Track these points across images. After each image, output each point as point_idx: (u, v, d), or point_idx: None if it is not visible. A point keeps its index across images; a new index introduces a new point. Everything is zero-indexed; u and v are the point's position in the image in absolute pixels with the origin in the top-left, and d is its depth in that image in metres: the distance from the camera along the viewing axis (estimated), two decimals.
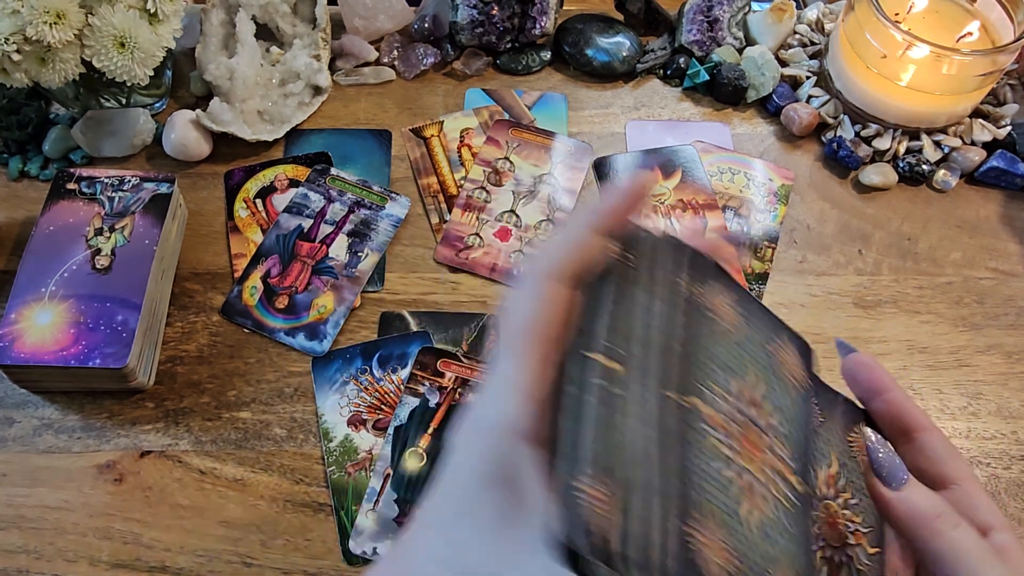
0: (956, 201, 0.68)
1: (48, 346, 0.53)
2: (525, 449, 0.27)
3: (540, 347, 0.28)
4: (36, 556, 0.51)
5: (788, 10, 0.74)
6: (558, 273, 0.29)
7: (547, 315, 0.28)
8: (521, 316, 0.29)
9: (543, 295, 0.29)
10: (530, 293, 0.29)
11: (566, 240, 0.30)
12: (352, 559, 0.51)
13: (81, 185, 0.60)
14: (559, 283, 0.29)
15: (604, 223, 0.30)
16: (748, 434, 0.29)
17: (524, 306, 0.29)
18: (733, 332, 0.31)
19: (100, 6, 0.59)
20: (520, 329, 0.28)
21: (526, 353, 0.28)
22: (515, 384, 0.27)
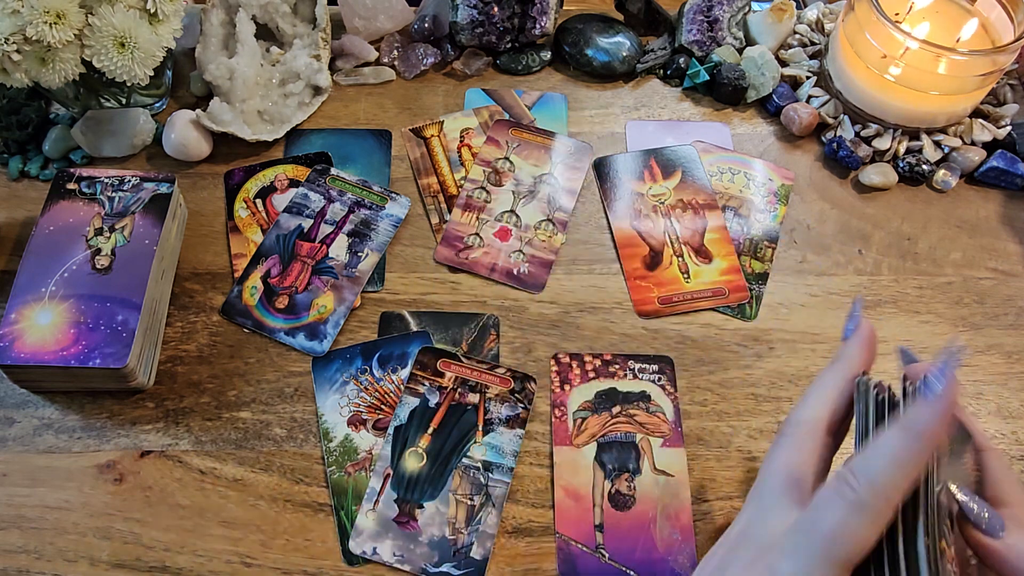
0: (956, 201, 0.68)
1: (48, 346, 0.53)
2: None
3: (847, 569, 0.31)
4: (36, 556, 0.51)
5: (788, 10, 0.74)
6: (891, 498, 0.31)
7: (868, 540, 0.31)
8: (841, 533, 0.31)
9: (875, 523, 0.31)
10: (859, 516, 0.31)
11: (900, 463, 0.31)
12: (352, 559, 0.51)
13: (81, 185, 0.60)
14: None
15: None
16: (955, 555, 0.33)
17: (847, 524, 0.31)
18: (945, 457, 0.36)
19: (100, 6, 0.59)
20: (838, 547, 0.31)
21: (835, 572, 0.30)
22: None
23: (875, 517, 0.30)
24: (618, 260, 0.64)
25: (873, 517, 0.30)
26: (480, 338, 0.60)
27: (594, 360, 0.59)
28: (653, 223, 0.66)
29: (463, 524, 0.52)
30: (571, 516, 0.53)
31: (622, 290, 0.63)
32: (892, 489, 0.31)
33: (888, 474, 0.31)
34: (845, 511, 0.30)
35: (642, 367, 0.58)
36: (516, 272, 0.63)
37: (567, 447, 0.55)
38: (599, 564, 0.51)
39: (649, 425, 0.56)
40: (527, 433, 0.56)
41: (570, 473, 0.54)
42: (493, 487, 0.53)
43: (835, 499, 0.31)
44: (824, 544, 0.30)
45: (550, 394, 0.57)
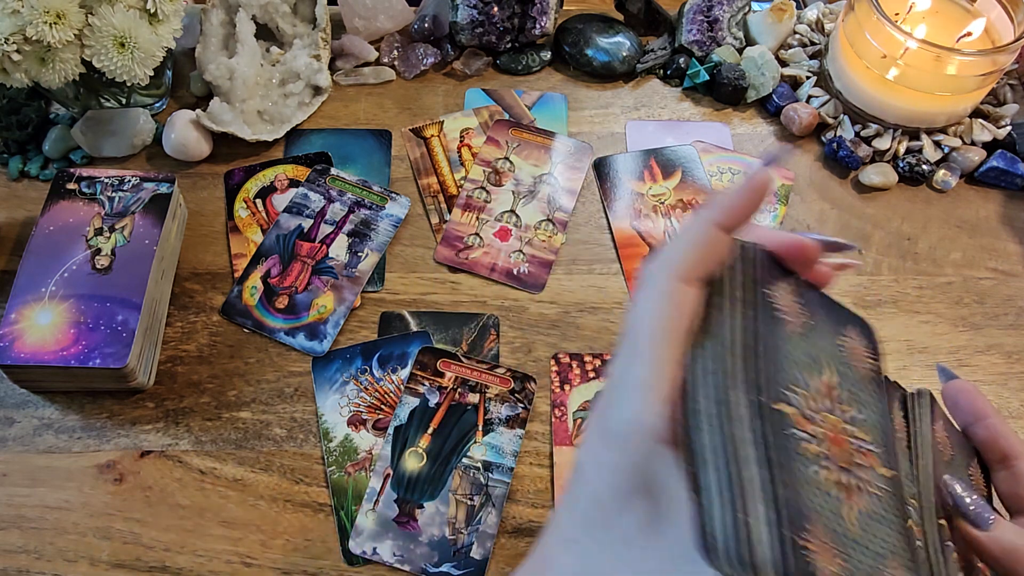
0: (956, 201, 0.68)
1: (48, 346, 0.53)
2: (668, 452, 0.26)
3: (670, 349, 0.27)
4: (36, 556, 0.51)
5: (788, 10, 0.74)
6: (683, 272, 0.28)
7: (673, 315, 0.27)
8: (650, 316, 0.28)
9: (668, 294, 0.28)
10: (658, 292, 0.28)
11: (691, 238, 0.29)
12: (352, 559, 0.51)
13: (81, 185, 0.60)
14: (684, 282, 0.28)
15: (728, 220, 0.29)
16: (833, 430, 0.29)
17: (652, 306, 0.28)
18: (803, 330, 0.31)
19: (100, 6, 0.59)
20: (650, 330, 0.27)
21: (657, 354, 0.27)
22: (649, 386, 0.26)
23: (669, 289, 0.28)
24: (618, 260, 0.64)
25: (667, 289, 0.28)
26: (480, 338, 0.60)
27: (594, 360, 0.59)
28: (653, 223, 0.66)
29: (463, 524, 0.52)
30: None
31: (622, 290, 0.63)
32: (680, 262, 0.28)
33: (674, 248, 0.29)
34: (641, 296, 0.28)
35: None
36: (516, 272, 0.63)
37: (567, 447, 0.55)
38: None
39: None
40: (527, 433, 0.56)
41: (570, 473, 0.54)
42: (493, 487, 0.53)
43: (638, 291, 0.29)
44: (635, 340, 0.28)
45: (550, 394, 0.57)
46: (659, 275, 0.28)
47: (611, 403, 0.27)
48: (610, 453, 0.27)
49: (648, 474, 0.26)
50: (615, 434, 0.27)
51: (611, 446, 0.27)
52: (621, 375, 0.28)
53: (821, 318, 0.32)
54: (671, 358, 0.27)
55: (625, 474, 0.26)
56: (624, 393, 0.27)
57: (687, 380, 0.27)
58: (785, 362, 0.29)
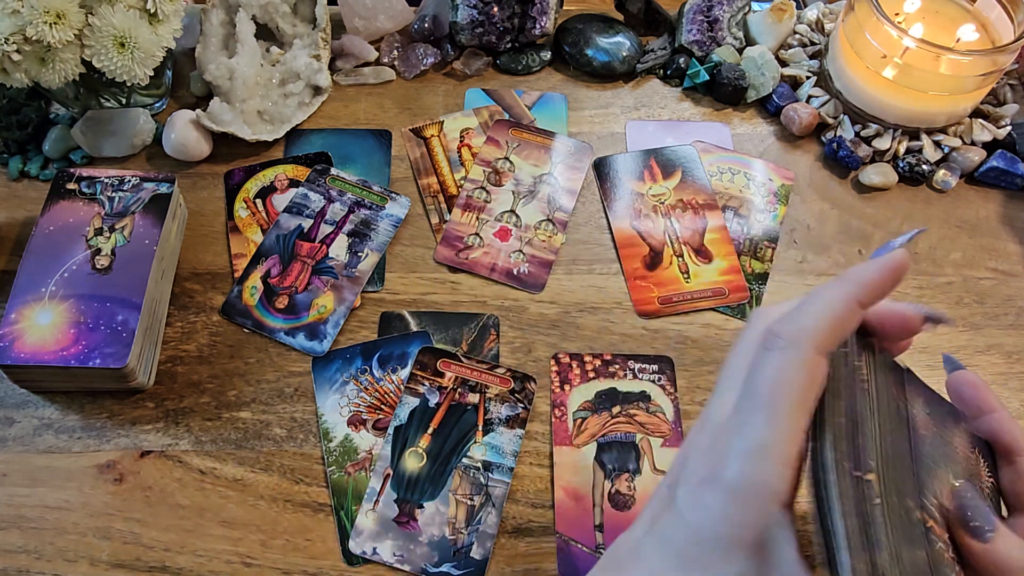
0: (956, 201, 0.69)
1: (48, 346, 0.53)
2: (784, 515, 0.27)
3: (801, 418, 0.28)
4: (36, 556, 0.51)
5: (788, 10, 0.74)
6: (820, 344, 0.29)
7: (808, 386, 0.28)
8: (781, 381, 0.28)
9: (806, 364, 0.28)
10: (791, 358, 0.28)
11: (830, 308, 0.29)
12: (352, 559, 0.51)
13: (81, 185, 0.60)
14: (819, 354, 0.29)
15: (867, 298, 0.30)
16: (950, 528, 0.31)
17: (789, 374, 0.28)
18: (929, 437, 0.32)
19: (100, 6, 0.59)
20: (780, 394, 0.28)
21: (789, 422, 0.27)
22: (777, 450, 0.27)
23: (806, 359, 0.28)
24: (618, 260, 0.64)
25: (804, 358, 0.28)
26: (480, 338, 0.60)
27: (594, 360, 0.59)
28: (653, 223, 0.66)
29: (463, 524, 0.52)
30: (571, 516, 0.53)
31: (622, 290, 0.63)
32: (819, 331, 0.29)
33: (814, 315, 0.29)
34: (775, 359, 0.29)
35: (642, 367, 0.58)
36: (516, 272, 0.63)
37: (567, 447, 0.55)
38: None
39: (649, 425, 0.56)
40: (527, 433, 0.56)
41: (570, 473, 0.54)
42: (493, 487, 0.53)
43: (764, 354, 0.29)
44: (764, 402, 0.28)
45: (550, 394, 0.57)
46: (795, 342, 0.29)
47: (726, 454, 0.28)
48: (723, 503, 0.27)
49: (762, 533, 0.27)
50: (732, 487, 0.27)
51: (725, 497, 0.27)
52: (739, 429, 0.28)
53: (940, 424, 0.34)
54: (800, 427, 0.28)
55: (738, 527, 0.27)
56: (745, 449, 0.28)
57: (818, 452, 0.28)
58: (924, 473, 0.31)
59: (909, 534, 0.28)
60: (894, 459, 0.30)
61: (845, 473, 0.28)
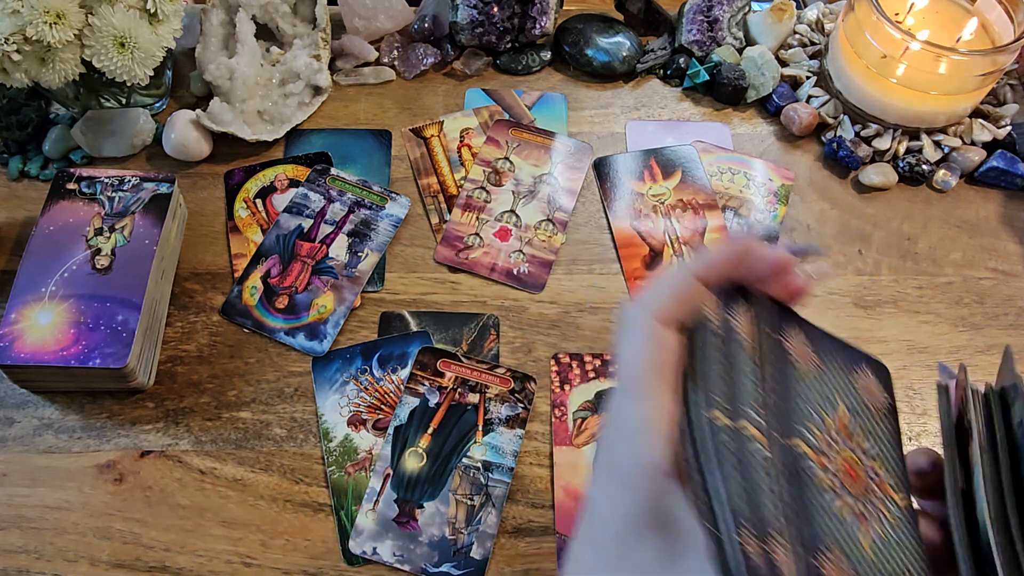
0: (956, 201, 0.68)
1: (48, 346, 0.53)
2: (674, 488, 0.27)
3: (660, 388, 0.29)
4: (36, 556, 0.51)
5: (788, 10, 0.74)
6: (661, 315, 0.30)
7: (658, 356, 0.29)
8: (637, 357, 0.29)
9: (650, 336, 0.30)
10: (640, 334, 0.30)
11: (669, 284, 0.31)
12: (352, 559, 0.51)
13: (81, 185, 0.60)
14: (663, 324, 0.30)
15: (705, 274, 0.31)
16: (847, 464, 0.31)
17: (637, 347, 0.29)
18: (816, 372, 0.33)
19: (100, 6, 0.59)
20: (641, 371, 0.29)
21: (650, 394, 0.29)
22: (650, 425, 0.28)
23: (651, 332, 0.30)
24: (618, 260, 0.64)
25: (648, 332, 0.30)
26: (480, 338, 0.60)
27: (594, 360, 0.59)
28: (653, 223, 0.66)
29: (463, 524, 0.52)
30: (571, 516, 0.53)
31: (622, 290, 0.63)
32: (658, 305, 0.30)
33: (652, 293, 0.30)
34: (626, 339, 0.30)
35: None
36: (516, 272, 0.63)
37: (567, 447, 0.55)
38: None
39: None
40: (527, 433, 0.56)
41: (570, 473, 0.54)
42: (493, 487, 0.53)
43: (618, 336, 0.31)
44: (626, 384, 0.29)
45: (550, 394, 0.57)
46: (638, 318, 0.30)
47: (616, 441, 0.29)
48: (621, 490, 0.28)
49: (660, 509, 0.27)
50: (624, 472, 0.28)
51: (621, 483, 0.28)
52: (620, 413, 0.29)
53: (833, 360, 0.34)
54: (666, 396, 0.29)
55: (638, 509, 0.28)
56: (627, 432, 0.29)
57: (691, 419, 0.29)
58: (799, 401, 0.31)
59: (791, 472, 0.29)
60: (777, 402, 0.31)
61: (719, 429, 0.29)
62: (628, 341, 0.30)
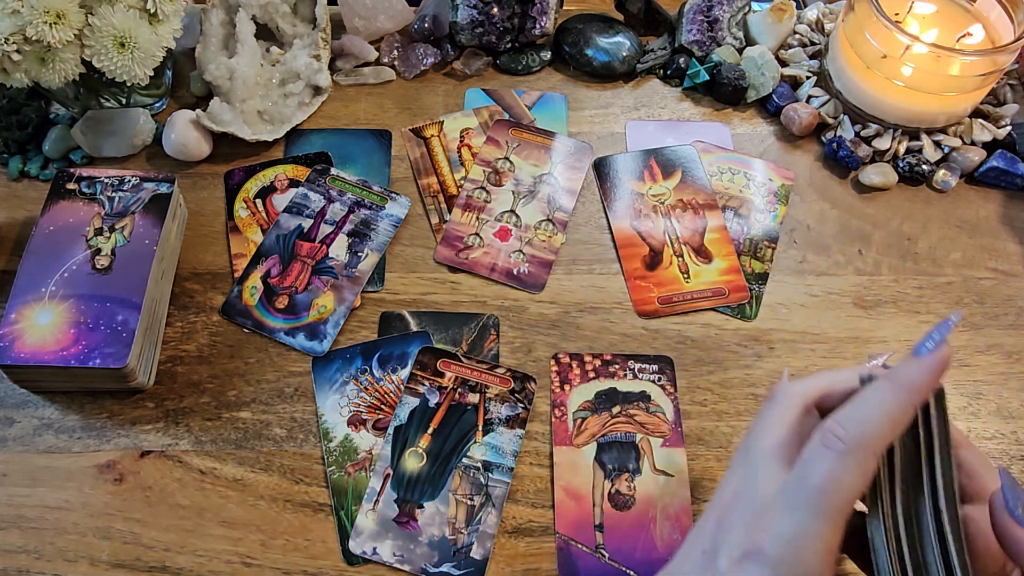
0: (956, 201, 0.68)
1: (48, 346, 0.53)
2: None
3: (849, 513, 0.31)
4: (36, 556, 0.51)
5: (788, 10, 0.74)
6: (878, 449, 0.32)
7: (863, 487, 0.31)
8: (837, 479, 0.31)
9: (863, 468, 0.31)
10: (850, 462, 0.31)
11: (888, 415, 0.32)
12: (352, 559, 0.51)
13: (81, 185, 0.60)
14: (876, 457, 0.32)
15: (922, 398, 0.33)
16: None
17: (850, 478, 0.31)
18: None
19: (100, 6, 0.59)
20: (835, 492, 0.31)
21: (838, 516, 0.31)
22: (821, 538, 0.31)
23: (862, 464, 0.31)
24: (618, 260, 0.64)
25: (860, 464, 0.31)
26: (480, 338, 0.60)
27: (594, 360, 0.59)
28: (653, 223, 0.66)
29: (463, 524, 0.52)
30: (571, 516, 0.53)
31: (622, 290, 0.63)
32: (877, 438, 0.32)
33: (873, 422, 0.32)
34: (832, 461, 0.31)
35: (642, 367, 0.58)
36: (516, 272, 0.63)
37: (567, 447, 0.55)
38: (599, 564, 0.51)
39: (649, 425, 0.56)
40: (527, 433, 0.56)
41: (570, 473, 0.54)
42: (493, 487, 0.53)
43: (822, 451, 0.32)
44: (816, 497, 0.31)
45: (550, 394, 0.57)
46: (858, 448, 0.32)
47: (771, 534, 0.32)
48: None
49: None
50: (775, 564, 0.31)
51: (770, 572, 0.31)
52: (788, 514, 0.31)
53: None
54: (846, 522, 0.31)
55: None
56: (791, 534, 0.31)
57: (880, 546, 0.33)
58: None
59: None
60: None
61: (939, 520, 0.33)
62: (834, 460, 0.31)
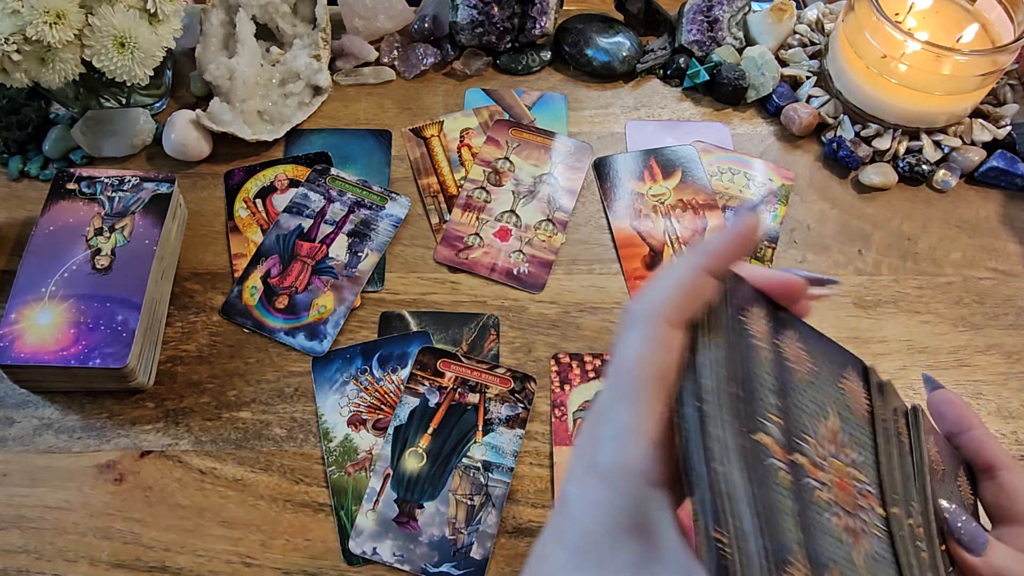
0: (956, 201, 0.68)
1: (48, 346, 0.53)
2: (659, 495, 0.27)
3: (658, 392, 0.28)
4: (36, 556, 0.51)
5: (788, 10, 0.74)
6: (670, 315, 0.29)
7: (662, 359, 0.28)
8: (635, 358, 0.28)
9: (656, 338, 0.28)
10: (645, 335, 0.28)
11: (678, 280, 0.29)
12: (352, 559, 0.51)
13: (81, 185, 0.60)
14: (671, 325, 0.29)
15: (714, 264, 0.30)
16: (839, 475, 0.30)
17: (640, 349, 0.28)
18: (809, 377, 0.32)
19: (100, 6, 0.59)
20: (636, 372, 0.28)
21: (646, 398, 0.28)
22: (638, 430, 0.27)
23: (656, 334, 0.28)
24: (618, 260, 0.64)
25: (653, 333, 0.28)
26: (480, 338, 0.60)
27: (594, 360, 0.59)
28: (653, 223, 0.66)
29: (463, 524, 0.52)
30: None
31: (622, 290, 0.63)
32: (668, 303, 0.29)
33: (663, 290, 0.29)
34: (627, 335, 0.29)
35: None
36: (516, 272, 0.63)
37: (567, 447, 0.55)
38: None
39: None
40: (527, 433, 0.56)
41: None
42: (493, 487, 0.53)
43: (620, 333, 0.29)
44: (623, 379, 0.28)
45: (550, 394, 0.57)
46: (645, 317, 0.29)
47: (598, 441, 0.28)
48: (600, 491, 0.27)
49: (640, 515, 0.26)
50: (605, 474, 0.27)
51: (601, 485, 0.27)
52: (606, 413, 0.28)
53: (823, 363, 0.33)
54: (660, 401, 0.28)
55: (617, 512, 0.27)
56: (612, 434, 0.28)
57: (685, 425, 0.27)
58: (797, 411, 0.30)
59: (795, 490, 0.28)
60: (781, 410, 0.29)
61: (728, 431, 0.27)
62: (629, 340, 0.29)
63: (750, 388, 0.28)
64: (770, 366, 0.30)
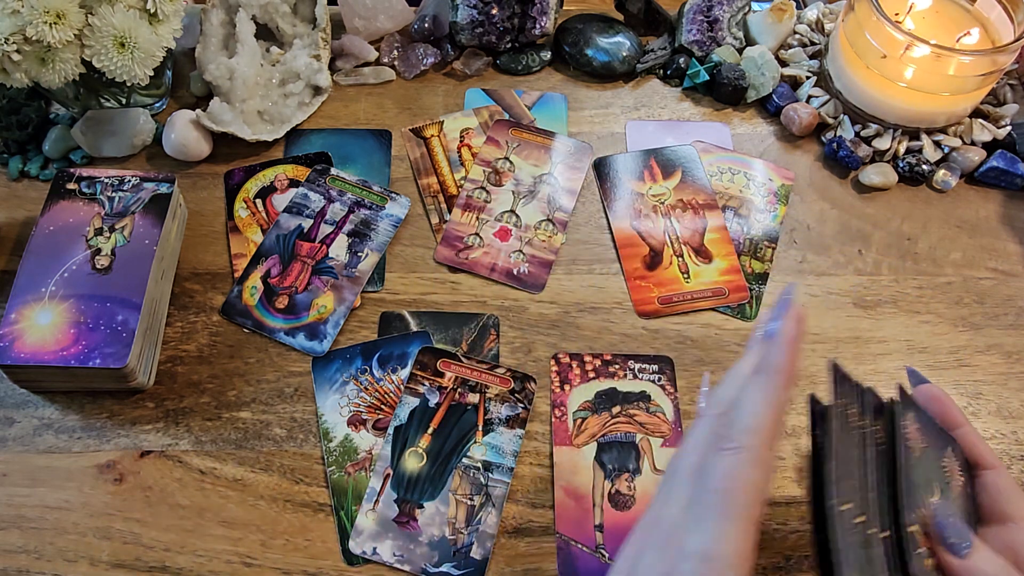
0: (956, 201, 0.69)
1: (48, 346, 0.53)
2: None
3: (754, 511, 0.31)
4: (36, 556, 0.51)
5: (788, 10, 0.74)
6: (769, 439, 0.31)
7: (763, 480, 0.31)
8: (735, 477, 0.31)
9: (759, 461, 0.31)
10: (744, 457, 0.31)
11: (767, 406, 0.32)
12: (352, 559, 0.51)
13: (81, 185, 0.60)
14: (769, 448, 0.31)
15: (791, 380, 0.33)
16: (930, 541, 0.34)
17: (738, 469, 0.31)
18: (920, 454, 0.35)
19: (100, 6, 0.59)
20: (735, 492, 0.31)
21: (741, 517, 0.30)
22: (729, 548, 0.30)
23: (756, 457, 0.31)
24: (618, 260, 0.64)
25: (754, 457, 0.31)
26: (480, 338, 0.60)
27: (594, 360, 0.59)
28: (653, 223, 0.66)
29: (463, 524, 0.52)
30: (571, 516, 0.53)
31: (622, 290, 0.63)
32: (766, 430, 0.32)
33: (758, 416, 0.32)
34: (726, 461, 0.31)
35: (642, 367, 0.58)
36: (516, 272, 0.63)
37: (567, 447, 0.55)
38: (599, 564, 0.51)
39: (649, 425, 0.56)
40: (527, 433, 0.56)
41: (570, 473, 0.54)
42: (493, 487, 0.53)
43: (716, 455, 0.32)
44: (719, 500, 0.31)
45: (550, 394, 0.57)
46: (750, 445, 0.31)
47: (681, 555, 0.30)
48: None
49: None
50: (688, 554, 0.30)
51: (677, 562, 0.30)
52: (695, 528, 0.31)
53: (931, 440, 0.36)
54: (753, 520, 0.30)
55: None
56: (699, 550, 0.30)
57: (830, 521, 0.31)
58: (911, 486, 0.34)
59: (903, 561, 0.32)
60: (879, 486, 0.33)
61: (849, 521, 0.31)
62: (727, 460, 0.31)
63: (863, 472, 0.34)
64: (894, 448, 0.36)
